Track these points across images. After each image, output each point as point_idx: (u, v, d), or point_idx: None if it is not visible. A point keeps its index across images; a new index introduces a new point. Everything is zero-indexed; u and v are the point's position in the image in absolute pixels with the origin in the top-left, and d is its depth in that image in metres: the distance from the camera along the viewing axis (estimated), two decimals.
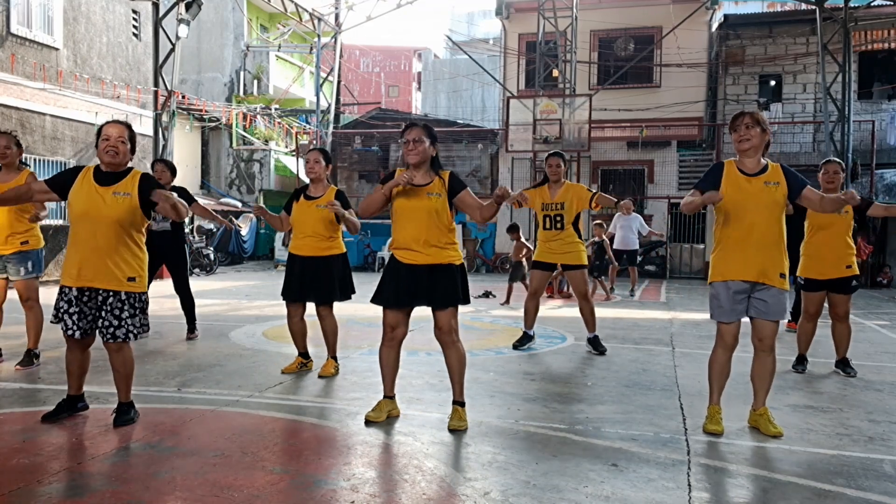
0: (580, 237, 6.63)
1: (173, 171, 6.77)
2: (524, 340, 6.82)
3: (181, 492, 3.04)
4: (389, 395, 4.29)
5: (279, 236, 20.02)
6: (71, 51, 14.98)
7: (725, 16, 19.53)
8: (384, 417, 4.19)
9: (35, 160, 14.16)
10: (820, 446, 3.89)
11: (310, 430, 3.98)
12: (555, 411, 4.49)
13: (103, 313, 3.88)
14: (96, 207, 3.84)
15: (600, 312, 7.97)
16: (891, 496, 3.18)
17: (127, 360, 4.01)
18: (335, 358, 5.54)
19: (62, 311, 3.92)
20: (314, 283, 5.32)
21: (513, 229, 11.48)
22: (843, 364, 5.97)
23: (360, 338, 7.21)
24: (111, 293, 3.87)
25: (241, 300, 10.86)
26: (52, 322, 4.06)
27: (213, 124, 22.54)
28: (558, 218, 6.50)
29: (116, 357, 3.98)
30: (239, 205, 21.71)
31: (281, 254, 19.89)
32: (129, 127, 4.02)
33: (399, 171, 4.22)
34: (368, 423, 4.12)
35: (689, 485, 3.26)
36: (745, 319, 4.19)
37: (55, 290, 5.47)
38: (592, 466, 3.46)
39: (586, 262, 6.68)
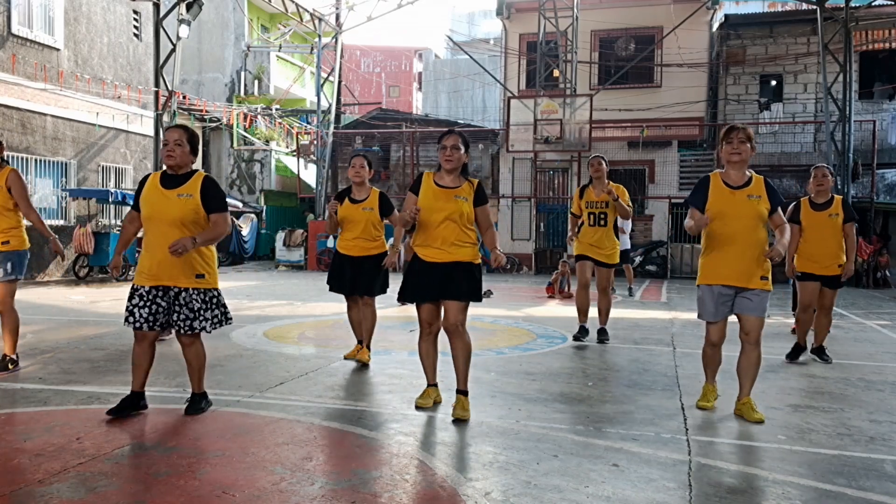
0: (617, 237, 7.07)
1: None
2: (581, 333, 7.13)
3: (181, 492, 3.04)
4: (433, 384, 4.60)
5: (280, 237, 20.00)
6: (72, 51, 14.99)
7: (726, 16, 19.52)
8: (431, 403, 4.52)
9: (36, 160, 14.18)
10: (821, 446, 3.89)
11: (310, 431, 3.98)
12: (556, 411, 4.49)
13: (176, 307, 4.05)
14: (163, 209, 4.00)
15: None
16: (892, 496, 3.17)
17: (199, 353, 4.21)
18: (368, 347, 5.83)
19: (133, 306, 4.05)
20: (361, 278, 5.72)
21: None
22: (820, 351, 6.40)
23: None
24: (181, 290, 4.05)
25: (242, 300, 10.85)
26: (124, 324, 4.11)
27: (214, 125, 22.57)
28: (602, 216, 6.86)
29: (189, 350, 4.18)
30: (240, 205, 21.70)
31: (282, 254, 19.87)
32: (187, 129, 4.15)
33: (426, 174, 4.47)
34: (418, 408, 4.45)
35: (690, 485, 3.25)
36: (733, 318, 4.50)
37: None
38: (593, 466, 3.46)
39: (618, 262, 7.10)
